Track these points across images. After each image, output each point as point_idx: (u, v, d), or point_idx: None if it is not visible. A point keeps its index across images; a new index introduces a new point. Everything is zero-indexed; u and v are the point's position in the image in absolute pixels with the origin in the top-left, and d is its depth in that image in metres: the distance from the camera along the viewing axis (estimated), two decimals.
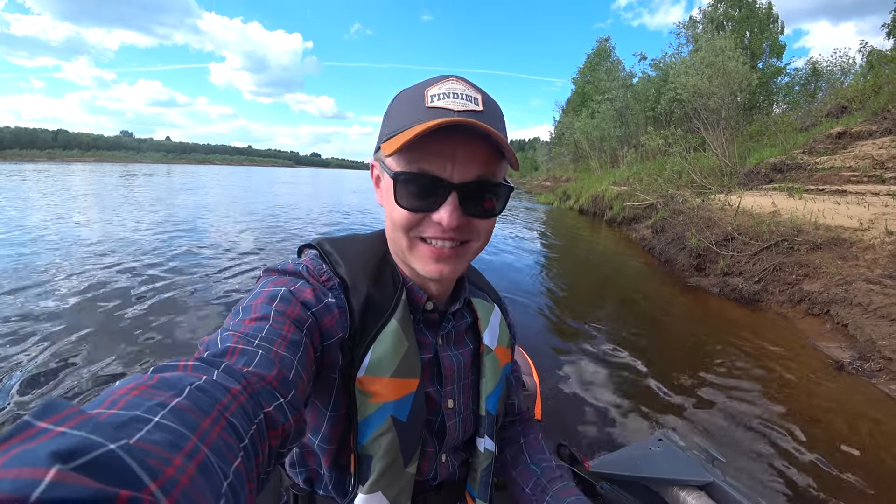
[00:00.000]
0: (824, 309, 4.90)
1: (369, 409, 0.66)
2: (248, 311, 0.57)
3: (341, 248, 0.74)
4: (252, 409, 0.41)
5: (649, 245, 9.47)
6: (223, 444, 0.34)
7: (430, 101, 0.60)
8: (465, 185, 0.61)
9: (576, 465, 1.40)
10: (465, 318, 0.85)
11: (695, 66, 14.93)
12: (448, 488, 0.84)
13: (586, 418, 3.04)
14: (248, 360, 0.47)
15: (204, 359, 0.44)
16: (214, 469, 0.31)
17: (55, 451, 0.21)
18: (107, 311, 4.42)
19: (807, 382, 3.66)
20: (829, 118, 12.49)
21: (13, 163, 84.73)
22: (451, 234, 0.64)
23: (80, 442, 0.22)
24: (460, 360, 0.80)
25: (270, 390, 0.46)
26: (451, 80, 0.62)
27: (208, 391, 0.37)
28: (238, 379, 0.42)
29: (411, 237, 0.65)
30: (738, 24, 22.40)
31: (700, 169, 12.92)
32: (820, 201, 7.48)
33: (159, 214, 11.76)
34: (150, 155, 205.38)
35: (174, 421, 0.31)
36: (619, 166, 24.10)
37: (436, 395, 0.77)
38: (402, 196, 0.62)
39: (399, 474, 0.70)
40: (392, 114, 0.64)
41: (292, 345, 0.54)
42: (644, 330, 4.89)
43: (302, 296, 0.62)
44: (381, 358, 0.67)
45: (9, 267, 5.81)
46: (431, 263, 0.66)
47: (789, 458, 2.68)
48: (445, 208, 0.61)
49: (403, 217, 0.63)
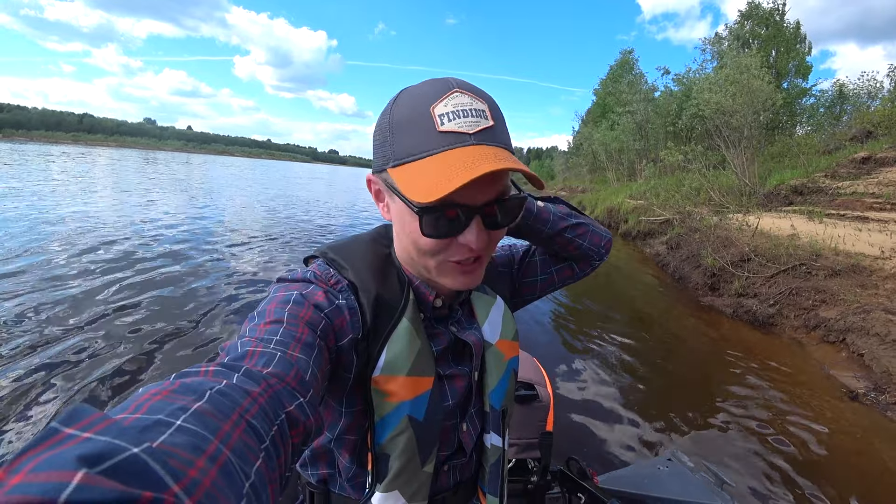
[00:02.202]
0: (840, 337, 4.82)
1: (386, 409, 0.67)
2: (262, 316, 0.58)
3: (344, 253, 0.75)
4: (273, 410, 0.42)
5: (663, 261, 9.39)
6: (244, 445, 0.35)
7: (439, 122, 0.58)
8: (487, 205, 0.62)
9: (585, 480, 1.41)
10: (468, 305, 0.86)
11: (719, 83, 14.77)
12: (464, 487, 0.85)
13: (596, 433, 3.04)
14: (266, 362, 0.48)
15: (224, 363, 0.46)
16: (236, 470, 0.32)
17: (81, 456, 0.22)
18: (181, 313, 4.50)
19: (820, 411, 3.60)
20: (853, 142, 12.30)
21: (39, 143, 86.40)
22: (478, 253, 0.65)
23: (105, 446, 0.24)
24: (478, 335, 0.82)
25: (290, 390, 0.47)
26: (454, 92, 0.60)
27: (228, 394, 0.38)
28: (258, 381, 0.43)
29: (440, 260, 0.66)
30: (764, 42, 22.13)
31: (719, 187, 12.78)
32: (841, 227, 7.37)
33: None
34: (171, 143, 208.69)
35: (196, 424, 0.32)
36: (637, 180, 23.91)
37: (461, 373, 0.79)
38: (428, 227, 0.61)
39: (416, 473, 0.70)
40: (398, 130, 0.61)
41: (307, 346, 0.56)
42: (656, 347, 4.85)
43: (314, 299, 0.63)
44: (397, 357, 0.68)
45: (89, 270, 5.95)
46: (459, 278, 0.67)
47: (799, 487, 2.65)
48: (471, 231, 0.61)
49: (430, 245, 0.63)
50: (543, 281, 0.96)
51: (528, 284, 0.96)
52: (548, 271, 0.96)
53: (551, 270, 0.96)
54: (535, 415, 1.72)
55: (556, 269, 0.96)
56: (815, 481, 2.71)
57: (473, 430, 0.83)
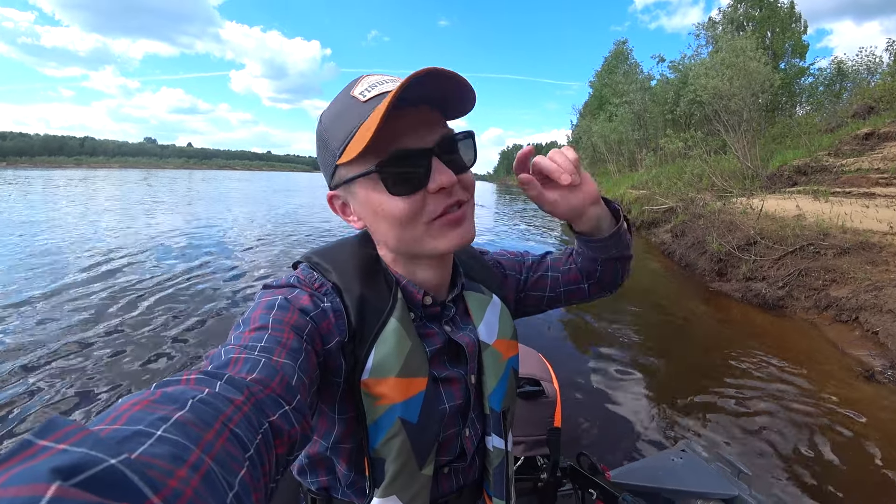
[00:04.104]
0: (853, 315, 4.75)
1: (377, 412, 0.66)
2: (247, 323, 0.57)
3: (329, 256, 0.74)
4: (256, 419, 0.41)
5: (669, 249, 9.32)
6: (227, 455, 0.34)
7: (361, 97, 0.60)
8: (439, 145, 0.62)
9: (596, 475, 1.37)
10: (462, 305, 0.83)
11: (715, 68, 14.70)
12: (468, 491, 0.83)
13: (606, 426, 3.00)
14: (250, 369, 0.47)
15: (207, 371, 0.44)
16: (219, 480, 0.31)
17: (56, 468, 0.21)
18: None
19: (835, 391, 3.54)
20: (855, 119, 12.19)
21: (42, 169, 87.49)
22: (456, 197, 0.64)
23: (80, 458, 0.22)
24: (473, 335, 0.80)
25: (274, 398, 0.46)
26: (365, 77, 0.63)
27: (211, 403, 0.37)
28: (241, 389, 0.42)
29: (424, 223, 0.64)
30: (759, 24, 21.99)
31: (721, 172, 12.69)
32: (847, 204, 7.29)
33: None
34: (172, 161, 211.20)
35: (177, 434, 0.31)
36: (638, 170, 23.83)
37: (456, 375, 0.76)
38: (392, 184, 0.61)
39: (414, 476, 0.69)
40: (331, 128, 0.63)
41: (293, 351, 0.54)
42: (665, 335, 4.81)
43: (299, 303, 0.63)
44: (385, 358, 0.66)
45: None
46: (450, 232, 0.65)
47: (818, 471, 2.60)
48: (437, 172, 0.61)
49: (403, 207, 0.62)
50: (550, 299, 0.95)
51: (534, 297, 0.94)
52: (558, 290, 0.94)
53: (560, 290, 0.94)
54: (542, 411, 1.70)
55: (565, 290, 0.94)
56: (836, 463, 2.65)
57: (475, 435, 0.81)
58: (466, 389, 0.78)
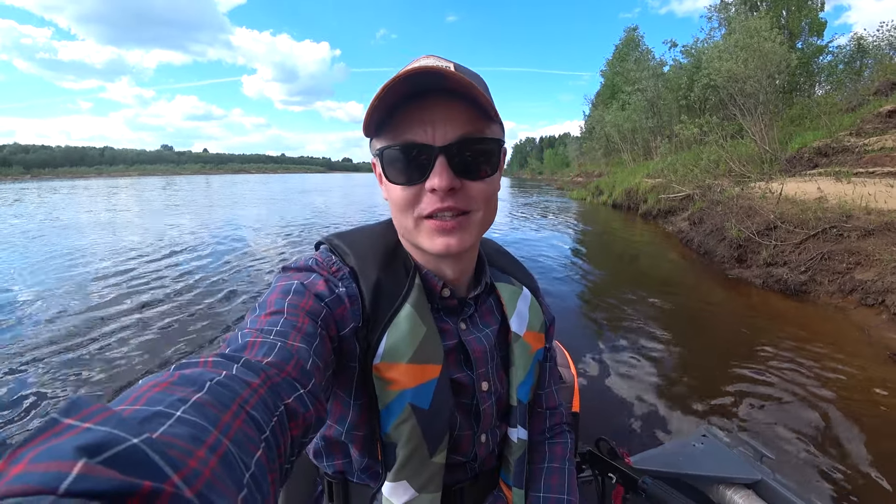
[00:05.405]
0: (879, 298, 4.63)
1: (389, 397, 0.66)
2: (263, 307, 0.59)
3: (349, 240, 0.74)
4: (272, 402, 0.42)
5: (687, 237, 9.18)
6: (244, 436, 0.35)
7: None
8: (449, 146, 0.61)
9: (616, 460, 1.37)
10: (488, 303, 0.83)
11: (729, 50, 14.39)
12: (484, 477, 0.83)
13: (625, 412, 2.99)
14: (266, 352, 0.48)
15: (224, 354, 0.46)
16: (236, 461, 0.32)
17: (81, 446, 0.22)
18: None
19: (862, 374, 3.47)
20: (877, 96, 11.77)
21: (65, 179, 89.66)
22: (450, 203, 0.62)
23: (104, 437, 0.24)
24: (488, 340, 0.78)
25: (290, 381, 0.47)
26: (421, 58, 0.63)
27: (228, 385, 0.38)
28: (257, 372, 0.43)
29: (415, 216, 0.65)
30: (773, 3, 21.35)
31: (738, 157, 12.43)
32: (870, 185, 7.08)
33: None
34: (189, 167, 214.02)
35: (195, 415, 0.32)
36: (653, 158, 23.42)
37: (467, 379, 0.75)
38: (391, 172, 0.62)
39: (424, 463, 0.69)
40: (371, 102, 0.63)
41: (308, 336, 0.55)
42: (684, 322, 4.75)
43: (315, 288, 0.63)
44: (397, 343, 0.66)
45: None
46: (436, 237, 0.64)
47: (844, 454, 2.55)
48: (435, 172, 0.60)
49: (400, 195, 0.63)
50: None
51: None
52: (543, 386, 0.92)
53: (542, 393, 0.92)
54: (560, 397, 1.69)
55: (544, 393, 0.93)
56: (863, 446, 2.60)
57: (493, 440, 0.81)
58: (474, 394, 0.77)
